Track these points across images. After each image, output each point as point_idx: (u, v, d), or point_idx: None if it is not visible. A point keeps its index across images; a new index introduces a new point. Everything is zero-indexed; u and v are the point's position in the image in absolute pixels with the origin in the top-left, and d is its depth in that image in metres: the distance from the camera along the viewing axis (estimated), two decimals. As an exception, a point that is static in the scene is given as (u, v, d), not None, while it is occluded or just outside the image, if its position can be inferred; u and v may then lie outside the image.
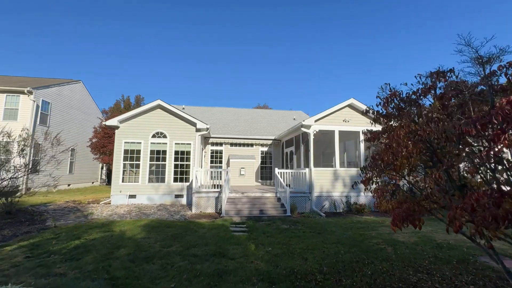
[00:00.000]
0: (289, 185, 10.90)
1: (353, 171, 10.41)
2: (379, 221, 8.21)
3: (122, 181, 10.78)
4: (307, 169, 9.98)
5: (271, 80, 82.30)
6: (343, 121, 10.60)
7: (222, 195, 8.52)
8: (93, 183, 21.31)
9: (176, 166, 11.15)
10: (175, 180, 11.11)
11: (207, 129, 11.43)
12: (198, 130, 11.40)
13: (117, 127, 10.97)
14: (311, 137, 10.20)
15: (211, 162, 14.81)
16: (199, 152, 11.33)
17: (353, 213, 9.57)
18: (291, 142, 13.03)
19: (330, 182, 10.16)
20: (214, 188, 9.67)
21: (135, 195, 10.75)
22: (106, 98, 62.97)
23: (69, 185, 17.75)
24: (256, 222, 7.95)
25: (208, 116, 18.33)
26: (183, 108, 18.89)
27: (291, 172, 10.53)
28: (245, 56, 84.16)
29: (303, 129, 10.22)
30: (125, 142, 10.97)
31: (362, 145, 10.63)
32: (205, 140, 14.65)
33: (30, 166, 14.18)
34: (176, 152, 11.22)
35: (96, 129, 19.19)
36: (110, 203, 10.62)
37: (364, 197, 10.37)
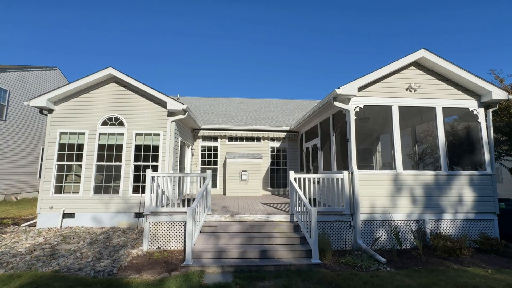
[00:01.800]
0: (315, 199, 6.63)
1: (429, 175, 5.92)
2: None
3: (55, 192, 7.07)
4: (345, 173, 5.67)
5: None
6: (407, 89, 6.17)
7: (188, 223, 4.49)
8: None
9: (137, 168, 7.28)
10: (136, 190, 7.24)
11: (185, 111, 7.47)
12: (171, 113, 7.47)
13: (50, 110, 7.31)
14: (352, 117, 5.88)
15: (203, 163, 10.84)
16: (172, 146, 7.40)
17: (437, 254, 5.10)
18: (315, 132, 8.73)
19: (387, 196, 5.77)
20: (184, 206, 5.65)
21: (74, 214, 6.99)
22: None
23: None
24: (250, 282, 3.82)
25: (205, 106, 14.50)
26: (178, 98, 15.17)
27: (318, 178, 6.28)
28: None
29: (338, 105, 5.93)
30: (61, 133, 7.27)
31: (441, 130, 6.13)
32: (194, 133, 10.74)
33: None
34: (138, 148, 7.36)
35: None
36: (36, 225, 6.95)
37: (450, 221, 5.83)
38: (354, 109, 5.94)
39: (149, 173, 5.45)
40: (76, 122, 7.29)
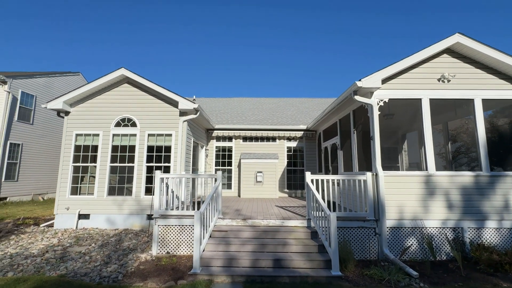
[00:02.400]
0: (334, 203, 6.12)
1: (467, 177, 5.19)
2: None
3: (71, 194, 7.14)
4: (368, 174, 5.12)
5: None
6: (439, 80, 5.48)
7: (196, 228, 4.20)
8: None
9: (150, 169, 7.17)
10: (149, 191, 7.13)
11: (196, 111, 7.26)
12: (182, 113, 7.30)
13: (66, 113, 7.42)
14: (375, 112, 5.31)
15: (217, 164, 10.62)
16: (184, 147, 7.21)
17: (481, 269, 4.39)
18: (334, 130, 8.17)
19: (417, 200, 5.12)
20: (194, 208, 5.38)
21: (89, 215, 7.01)
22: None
23: (64, 193, 15.19)
24: (261, 296, 3.44)
25: (220, 107, 14.34)
26: (194, 100, 15.16)
27: (338, 180, 5.77)
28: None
29: (359, 99, 5.39)
30: (77, 135, 7.35)
31: (481, 125, 5.37)
32: (208, 133, 10.56)
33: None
34: (151, 148, 7.25)
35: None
36: (53, 226, 7.06)
37: (495, 230, 5.05)
38: (378, 104, 5.36)
39: (158, 174, 5.25)
40: (91, 124, 7.33)
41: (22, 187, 12.57)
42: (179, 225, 5.13)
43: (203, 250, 4.46)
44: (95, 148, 7.29)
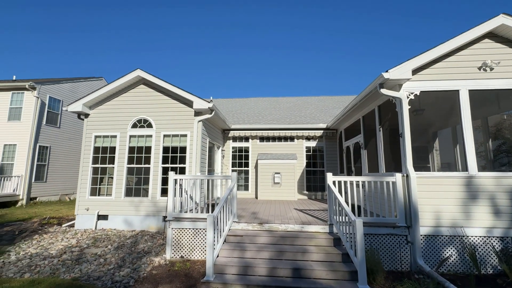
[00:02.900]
0: (359, 207, 5.64)
1: (517, 179, 4.50)
2: None
3: (91, 194, 7.24)
4: (398, 175, 4.60)
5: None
6: (480, 69, 4.83)
7: (209, 232, 3.96)
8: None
9: (165, 170, 7.09)
10: (164, 193, 7.04)
11: (211, 110, 7.09)
12: (197, 113, 7.16)
13: (86, 115, 7.56)
14: (405, 107, 4.78)
15: (234, 165, 10.40)
16: (200, 148, 7.06)
17: (538, 286, 3.74)
18: (357, 128, 7.62)
19: (456, 204, 4.52)
20: (209, 211, 5.17)
21: (107, 216, 7.06)
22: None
23: (89, 193, 15.80)
24: (278, 310, 3.10)
25: (237, 107, 14.17)
26: (211, 100, 15.16)
27: (362, 182, 5.28)
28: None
29: (386, 93, 4.88)
30: (96, 137, 7.46)
31: (534, 120, 4.63)
32: (224, 134, 10.38)
33: (29, 173, 12.37)
34: (166, 149, 7.18)
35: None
36: (74, 226, 7.19)
37: (553, 241, 4.32)
38: (408, 97, 4.82)
39: (171, 175, 5.10)
40: (109, 125, 7.41)
41: (50, 188, 13.19)
42: (193, 229, 4.93)
43: (217, 256, 4.21)
44: (113, 150, 7.34)
